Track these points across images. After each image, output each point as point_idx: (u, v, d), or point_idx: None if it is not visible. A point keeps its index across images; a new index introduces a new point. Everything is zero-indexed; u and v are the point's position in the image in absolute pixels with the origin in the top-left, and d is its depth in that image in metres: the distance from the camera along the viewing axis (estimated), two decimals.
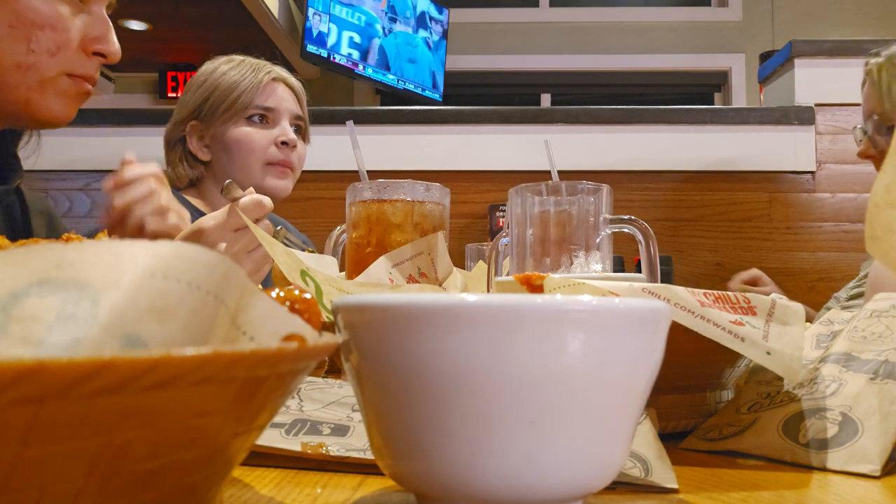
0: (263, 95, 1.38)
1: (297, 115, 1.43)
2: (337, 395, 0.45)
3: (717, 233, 2.22)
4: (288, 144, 1.38)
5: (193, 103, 1.40)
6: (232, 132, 1.37)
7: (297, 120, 1.43)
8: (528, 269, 0.68)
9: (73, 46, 0.85)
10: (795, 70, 2.23)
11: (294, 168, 1.42)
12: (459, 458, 0.27)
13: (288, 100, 1.42)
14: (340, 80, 4.24)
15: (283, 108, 1.40)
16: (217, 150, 1.39)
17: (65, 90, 0.87)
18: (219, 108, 1.37)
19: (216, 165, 1.40)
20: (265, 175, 1.38)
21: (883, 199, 0.34)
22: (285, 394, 0.27)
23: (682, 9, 4.79)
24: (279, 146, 1.38)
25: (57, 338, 0.21)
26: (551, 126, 2.26)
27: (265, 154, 1.37)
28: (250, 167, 1.37)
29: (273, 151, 1.38)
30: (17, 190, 0.98)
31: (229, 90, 1.37)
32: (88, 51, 0.87)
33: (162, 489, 0.23)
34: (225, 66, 1.41)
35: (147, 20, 4.18)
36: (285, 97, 1.42)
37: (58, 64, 0.85)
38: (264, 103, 1.38)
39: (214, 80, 1.39)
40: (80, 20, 0.87)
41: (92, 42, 0.87)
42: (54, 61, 0.84)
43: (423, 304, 0.27)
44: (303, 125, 1.46)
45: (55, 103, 0.86)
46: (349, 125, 0.84)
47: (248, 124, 1.38)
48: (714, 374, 0.50)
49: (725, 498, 0.35)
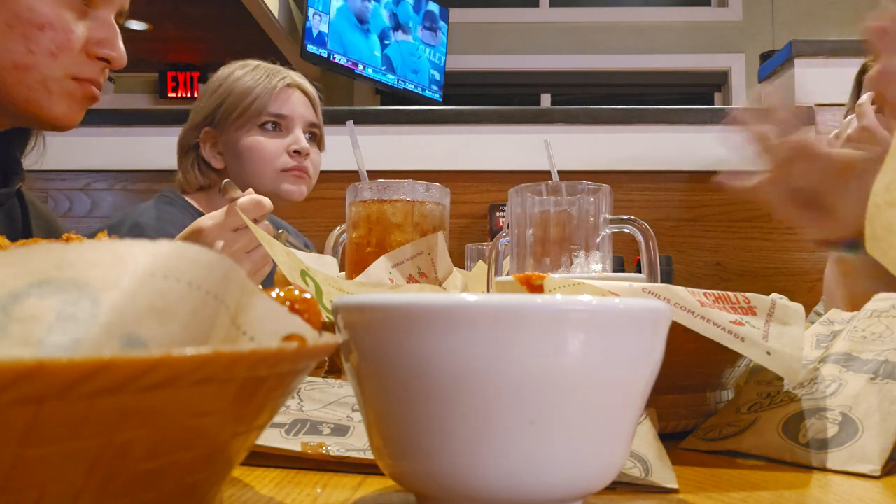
0: (277, 102, 1.37)
1: (311, 123, 1.41)
2: (337, 395, 0.45)
3: (717, 233, 2.22)
4: (300, 153, 1.37)
5: (207, 109, 1.38)
6: (244, 140, 1.36)
7: (311, 127, 1.41)
8: (528, 269, 0.68)
9: (76, 49, 0.85)
10: (795, 70, 2.23)
11: (310, 175, 1.40)
12: (459, 458, 0.27)
13: (302, 106, 1.40)
14: (340, 80, 4.24)
15: (296, 115, 1.39)
16: (230, 158, 1.38)
17: (70, 92, 0.87)
18: (232, 115, 1.36)
19: (229, 173, 1.38)
20: (279, 181, 1.36)
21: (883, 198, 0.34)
22: (285, 394, 0.27)
23: (682, 9, 4.80)
24: (291, 154, 1.37)
25: (57, 338, 0.21)
26: (551, 126, 2.26)
27: (278, 162, 1.36)
28: (263, 175, 1.36)
29: (285, 160, 1.36)
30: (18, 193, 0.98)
31: (243, 96, 1.36)
32: (92, 55, 0.87)
33: (162, 489, 0.23)
34: (240, 72, 1.39)
35: (147, 20, 4.18)
36: (299, 104, 1.40)
37: (61, 66, 0.85)
38: (278, 111, 1.37)
39: (229, 85, 1.38)
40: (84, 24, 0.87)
41: (95, 46, 0.87)
42: (57, 63, 0.84)
43: (423, 304, 0.27)
44: (318, 132, 1.44)
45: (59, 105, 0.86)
46: (349, 125, 0.84)
47: (261, 132, 1.36)
48: (714, 374, 0.50)
49: (725, 498, 0.35)
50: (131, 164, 2.23)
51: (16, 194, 0.97)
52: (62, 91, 0.86)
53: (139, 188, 2.22)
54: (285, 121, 1.38)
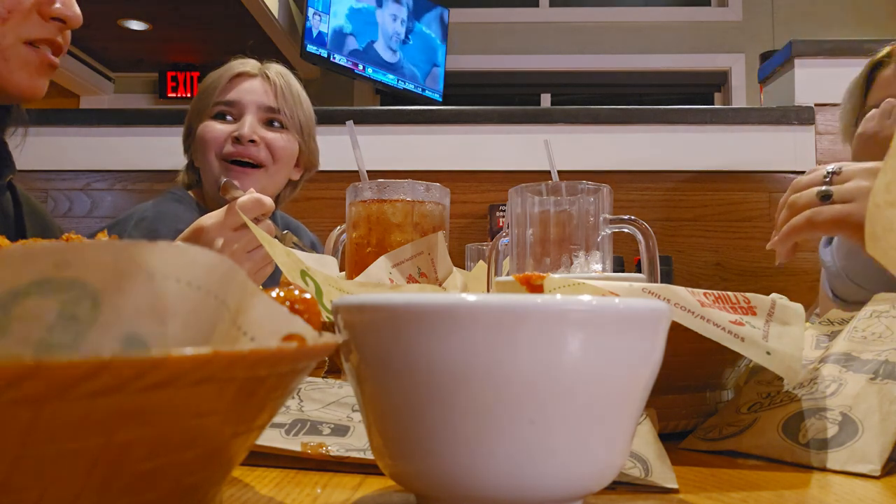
0: (224, 90, 1.32)
1: (267, 108, 1.32)
2: (337, 395, 0.45)
3: (716, 233, 2.22)
4: (241, 140, 1.28)
5: (190, 109, 1.40)
6: (198, 130, 1.33)
7: (269, 113, 1.32)
8: (528, 269, 0.68)
9: (25, 9, 0.82)
10: (795, 70, 2.23)
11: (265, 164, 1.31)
12: (459, 458, 0.27)
13: (255, 92, 1.32)
14: (340, 80, 4.24)
15: (246, 100, 1.31)
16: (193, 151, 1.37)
17: (27, 60, 0.83)
18: (194, 111, 1.36)
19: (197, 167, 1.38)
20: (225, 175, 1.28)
21: (883, 198, 0.34)
22: (285, 394, 0.27)
23: (682, 9, 4.79)
24: (233, 142, 1.29)
25: (57, 338, 0.21)
26: (551, 126, 2.26)
27: (220, 150, 1.30)
28: (210, 163, 1.30)
29: (228, 147, 1.29)
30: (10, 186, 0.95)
31: (202, 88, 1.35)
32: (45, 15, 0.83)
33: (162, 489, 0.23)
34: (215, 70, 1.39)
35: (147, 20, 4.18)
36: (250, 89, 1.32)
37: (12, 31, 0.81)
38: (224, 97, 1.32)
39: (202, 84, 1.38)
40: None
41: (47, 4, 0.83)
42: (7, 28, 0.81)
43: (423, 304, 0.27)
44: (280, 118, 1.33)
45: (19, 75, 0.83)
46: (349, 125, 0.84)
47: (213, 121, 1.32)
48: (714, 374, 0.50)
49: (725, 498, 0.35)
50: (131, 164, 2.23)
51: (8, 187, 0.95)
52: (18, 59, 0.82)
53: (139, 188, 2.23)
54: (234, 108, 1.31)
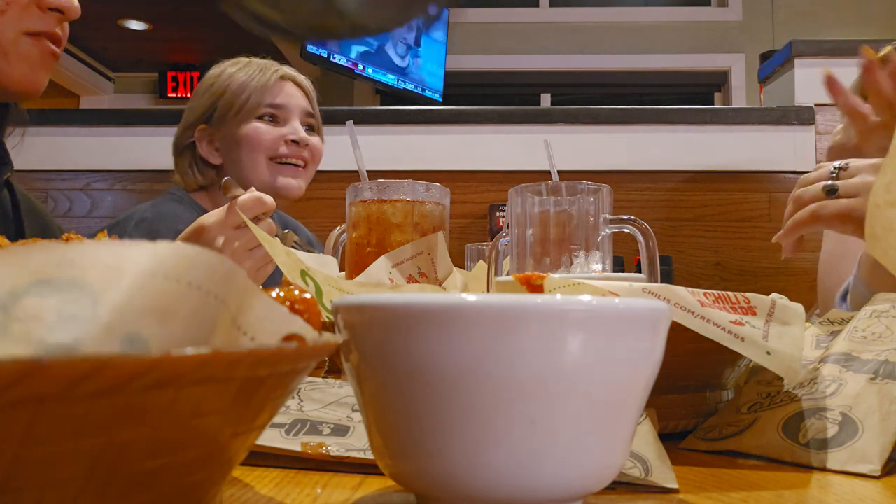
0: (272, 94, 1.37)
1: (307, 112, 1.42)
2: (337, 395, 0.45)
3: (716, 233, 2.22)
4: (298, 143, 1.37)
5: (202, 107, 1.38)
6: (243, 129, 1.36)
7: (308, 118, 1.42)
8: (528, 269, 0.68)
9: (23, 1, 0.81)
10: (795, 70, 2.23)
11: (307, 164, 1.40)
12: (459, 458, 0.27)
13: (297, 97, 1.41)
14: (340, 80, 4.24)
15: (292, 104, 1.39)
16: (227, 151, 1.38)
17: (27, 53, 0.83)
18: (229, 112, 1.36)
19: (227, 167, 1.38)
20: (276, 174, 1.36)
21: (883, 198, 0.34)
22: (285, 394, 0.27)
23: (682, 9, 4.79)
24: (288, 144, 1.37)
25: (57, 338, 0.21)
26: (551, 126, 2.26)
27: (274, 151, 1.36)
28: (258, 164, 1.35)
29: (282, 148, 1.37)
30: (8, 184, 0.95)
31: (238, 92, 1.36)
32: (43, 6, 0.83)
33: (162, 489, 0.23)
34: (232, 69, 1.40)
35: (147, 20, 4.18)
36: (294, 94, 1.41)
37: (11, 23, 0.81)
38: (273, 101, 1.37)
39: (222, 83, 1.38)
40: None
41: None
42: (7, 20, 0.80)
43: (423, 304, 0.27)
44: (314, 122, 1.44)
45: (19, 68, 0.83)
46: (349, 125, 0.84)
47: (259, 122, 1.37)
48: (714, 374, 0.50)
49: (725, 498, 0.35)
50: (131, 164, 2.23)
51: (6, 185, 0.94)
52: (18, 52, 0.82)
53: (139, 188, 2.22)
54: (282, 111, 1.38)
